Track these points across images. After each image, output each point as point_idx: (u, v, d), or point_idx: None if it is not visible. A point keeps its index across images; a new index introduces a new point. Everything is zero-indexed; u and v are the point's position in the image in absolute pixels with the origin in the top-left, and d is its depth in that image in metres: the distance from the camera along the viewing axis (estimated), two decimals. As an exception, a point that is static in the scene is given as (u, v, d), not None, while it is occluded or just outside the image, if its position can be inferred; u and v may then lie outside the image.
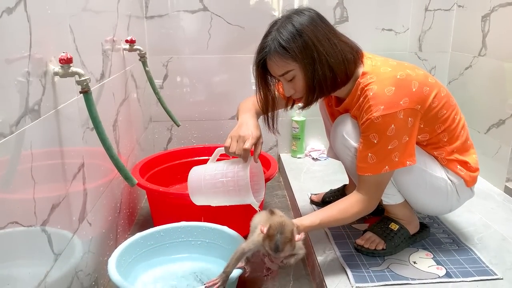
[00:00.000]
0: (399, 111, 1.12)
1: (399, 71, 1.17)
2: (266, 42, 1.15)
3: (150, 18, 2.07)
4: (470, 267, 1.24)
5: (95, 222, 1.23)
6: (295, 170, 2.07)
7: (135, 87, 1.81)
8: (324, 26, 1.14)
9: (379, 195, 1.22)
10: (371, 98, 1.13)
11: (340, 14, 2.12)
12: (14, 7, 0.79)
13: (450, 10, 2.16)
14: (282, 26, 1.13)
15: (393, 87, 1.13)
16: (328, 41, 1.12)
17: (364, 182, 1.19)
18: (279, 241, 1.03)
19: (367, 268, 1.24)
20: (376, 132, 1.13)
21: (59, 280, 0.97)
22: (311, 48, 1.11)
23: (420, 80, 1.17)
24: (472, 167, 1.28)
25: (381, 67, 1.19)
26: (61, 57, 0.94)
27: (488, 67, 1.88)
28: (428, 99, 1.17)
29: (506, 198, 1.72)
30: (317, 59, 1.11)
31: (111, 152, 1.02)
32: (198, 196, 1.23)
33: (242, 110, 1.30)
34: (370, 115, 1.12)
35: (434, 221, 1.51)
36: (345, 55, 1.15)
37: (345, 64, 1.15)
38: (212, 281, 1.09)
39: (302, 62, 1.12)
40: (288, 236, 1.04)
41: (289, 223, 1.07)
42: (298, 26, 1.11)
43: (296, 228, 1.08)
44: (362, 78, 1.18)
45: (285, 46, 1.11)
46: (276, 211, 1.14)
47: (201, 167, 1.25)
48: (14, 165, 0.79)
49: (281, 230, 1.04)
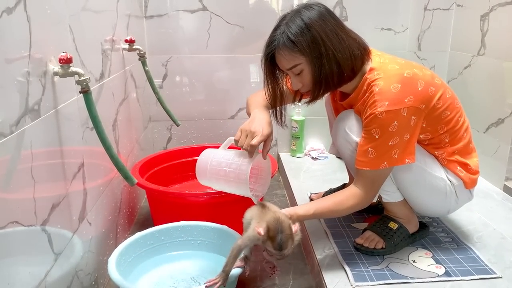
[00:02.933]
0: (403, 109, 1.12)
1: (406, 69, 1.18)
2: (275, 35, 1.16)
3: (149, 17, 2.07)
4: (469, 266, 1.24)
5: (95, 222, 1.23)
6: (294, 169, 2.07)
7: (135, 87, 1.81)
8: (333, 21, 1.15)
9: (375, 191, 1.22)
10: (376, 94, 1.14)
11: (340, 14, 2.12)
12: (13, 7, 0.79)
13: (449, 9, 2.16)
14: (291, 20, 1.13)
15: (399, 84, 1.14)
16: (336, 36, 1.13)
17: (362, 176, 1.19)
18: (281, 241, 1.03)
19: (367, 267, 1.25)
20: (378, 127, 1.13)
21: (59, 280, 0.97)
22: (319, 43, 1.11)
23: (427, 80, 1.18)
24: (472, 169, 1.28)
25: (389, 64, 1.20)
26: (61, 57, 0.94)
27: (487, 66, 1.88)
28: (433, 99, 1.18)
29: (505, 197, 1.72)
30: (325, 54, 1.12)
31: (111, 152, 1.02)
32: (203, 178, 1.28)
33: (255, 104, 1.30)
34: (374, 110, 1.13)
35: (433, 220, 1.51)
36: (352, 50, 1.15)
37: (352, 60, 1.16)
38: (212, 280, 1.09)
39: (309, 56, 1.12)
40: (289, 233, 1.05)
41: (284, 218, 1.08)
42: (307, 20, 1.12)
43: (290, 220, 1.09)
44: (369, 74, 1.19)
45: (293, 40, 1.12)
46: (267, 204, 1.16)
47: (211, 151, 1.29)
48: (14, 164, 0.79)
49: (281, 228, 1.04)
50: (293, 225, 1.07)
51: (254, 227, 1.08)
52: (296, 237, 1.08)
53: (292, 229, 1.06)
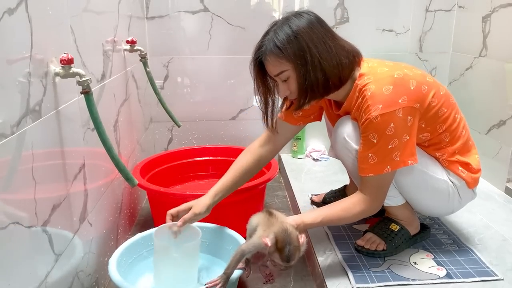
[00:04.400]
0: (398, 110, 1.12)
1: (396, 70, 1.18)
2: (263, 41, 1.17)
3: (151, 18, 2.07)
4: (471, 267, 1.24)
5: (96, 223, 1.23)
6: (295, 170, 2.07)
7: (136, 88, 1.81)
8: (321, 29, 1.15)
9: (383, 196, 1.21)
10: (369, 98, 1.13)
11: (341, 15, 2.12)
12: (15, 7, 0.79)
13: (450, 10, 2.16)
14: (279, 27, 1.14)
15: (390, 85, 1.13)
16: (323, 44, 1.13)
17: (367, 183, 1.18)
18: (289, 253, 1.03)
19: (368, 269, 1.24)
20: (375, 131, 1.13)
21: (59, 281, 0.97)
22: (305, 50, 1.12)
23: (418, 79, 1.18)
24: (474, 168, 1.28)
25: (378, 67, 1.20)
26: (62, 57, 0.94)
27: (488, 67, 1.88)
28: (427, 97, 1.17)
29: (507, 198, 1.72)
30: (310, 61, 1.12)
31: (112, 153, 1.02)
32: None
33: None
34: (368, 115, 1.13)
35: (434, 222, 1.51)
36: (340, 59, 1.15)
37: (339, 68, 1.16)
38: (213, 281, 1.09)
39: (295, 63, 1.13)
40: (297, 245, 1.04)
41: (292, 229, 1.06)
42: (294, 27, 1.12)
43: (297, 229, 1.08)
44: (359, 79, 1.19)
45: (279, 46, 1.12)
46: (274, 212, 1.14)
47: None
48: (15, 165, 0.79)
49: (289, 240, 1.03)
50: (300, 236, 1.06)
51: (260, 235, 1.07)
52: (302, 247, 1.07)
53: (299, 241, 1.05)
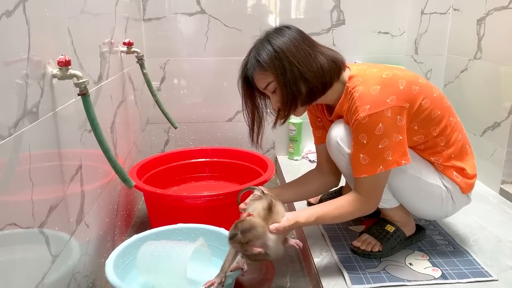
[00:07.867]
0: (386, 109, 1.12)
1: (385, 71, 1.19)
2: (248, 58, 1.21)
3: (147, 20, 2.08)
4: (466, 268, 1.25)
5: (93, 224, 1.24)
6: (292, 172, 2.07)
7: (133, 89, 1.82)
8: (299, 38, 1.17)
9: (378, 196, 1.22)
10: (357, 99, 1.14)
11: (337, 17, 2.13)
12: (13, 10, 0.79)
13: (446, 13, 2.17)
14: (260, 43, 1.19)
15: (378, 86, 1.15)
16: (301, 51, 1.16)
17: (361, 184, 1.19)
18: (238, 234, 1.05)
19: (363, 270, 1.25)
20: (364, 132, 1.14)
21: (56, 282, 0.97)
22: (283, 58, 1.14)
23: (408, 79, 1.18)
24: (469, 173, 1.28)
25: (367, 69, 1.22)
26: (60, 59, 0.94)
27: (483, 70, 1.90)
28: (418, 98, 1.18)
29: (502, 200, 1.73)
30: (288, 69, 1.14)
31: (108, 154, 1.02)
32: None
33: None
34: (357, 116, 1.13)
35: (430, 223, 1.52)
36: (319, 64, 1.17)
37: (320, 73, 1.17)
38: (210, 282, 1.10)
39: (275, 73, 1.15)
40: (254, 234, 1.05)
41: (261, 228, 1.07)
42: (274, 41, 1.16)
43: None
44: (349, 82, 1.20)
45: (259, 60, 1.16)
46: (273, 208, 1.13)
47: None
48: (12, 167, 0.80)
49: (248, 228, 1.05)
50: (256, 248, 1.05)
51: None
52: (270, 249, 1.07)
53: (253, 249, 1.05)
